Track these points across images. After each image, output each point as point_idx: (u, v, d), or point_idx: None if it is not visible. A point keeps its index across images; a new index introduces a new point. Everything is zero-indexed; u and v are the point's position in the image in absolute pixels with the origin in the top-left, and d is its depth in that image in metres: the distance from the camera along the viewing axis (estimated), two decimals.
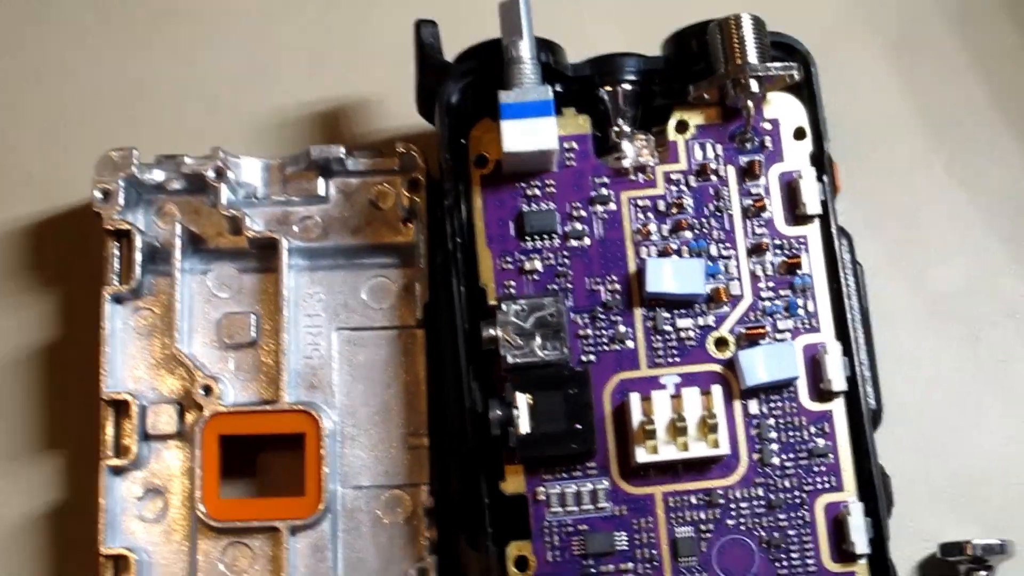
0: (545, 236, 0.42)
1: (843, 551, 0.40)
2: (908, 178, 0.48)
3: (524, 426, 0.40)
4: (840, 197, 0.43)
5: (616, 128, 0.43)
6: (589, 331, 0.42)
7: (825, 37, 0.47)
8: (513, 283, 0.42)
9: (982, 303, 0.47)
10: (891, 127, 0.48)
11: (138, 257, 0.45)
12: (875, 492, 0.40)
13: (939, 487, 0.45)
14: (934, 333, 0.46)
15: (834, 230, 0.42)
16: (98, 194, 0.45)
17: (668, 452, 0.40)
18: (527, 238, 0.42)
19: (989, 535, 0.43)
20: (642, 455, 0.40)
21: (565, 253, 0.42)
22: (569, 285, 0.42)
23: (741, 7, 0.42)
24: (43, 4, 0.50)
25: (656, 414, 0.40)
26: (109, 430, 0.44)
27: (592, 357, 0.41)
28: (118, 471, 0.44)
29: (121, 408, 0.45)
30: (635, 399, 0.40)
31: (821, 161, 0.42)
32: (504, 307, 0.40)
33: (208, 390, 0.44)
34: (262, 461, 0.45)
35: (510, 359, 0.40)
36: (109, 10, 0.50)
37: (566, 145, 0.43)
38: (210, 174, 0.45)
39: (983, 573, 0.43)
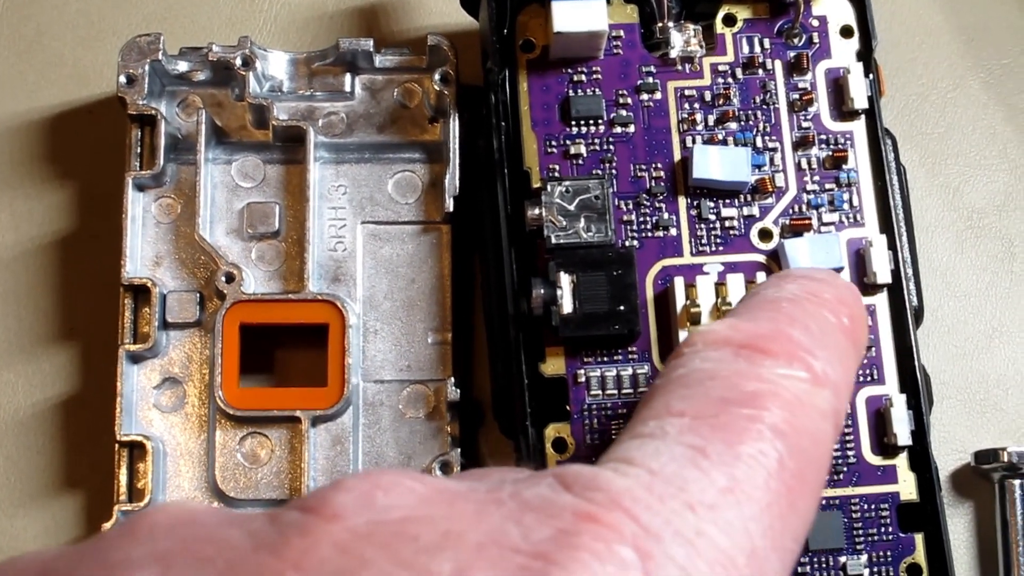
0: (591, 122, 0.41)
1: (884, 444, 0.40)
2: (947, 95, 0.47)
3: (567, 306, 0.39)
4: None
5: (660, 24, 0.42)
6: (633, 217, 0.41)
7: None
8: (557, 167, 0.41)
9: (1018, 220, 0.46)
10: (930, 41, 0.48)
11: (162, 143, 0.44)
12: (916, 387, 0.40)
13: (972, 398, 0.45)
14: (970, 247, 0.46)
15: (880, 128, 0.42)
16: (123, 79, 0.44)
17: None
18: (573, 123, 0.41)
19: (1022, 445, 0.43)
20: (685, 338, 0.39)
21: (610, 139, 0.41)
22: (614, 171, 0.41)
23: None
24: None
25: (700, 299, 0.39)
26: (128, 316, 0.43)
27: (635, 243, 0.41)
28: (136, 358, 0.43)
29: (140, 295, 0.43)
30: (679, 282, 0.40)
31: (868, 58, 0.42)
32: (549, 188, 0.40)
33: (231, 277, 0.43)
34: (279, 358, 0.44)
35: (554, 239, 0.39)
36: None
37: (613, 33, 0.42)
38: (237, 62, 0.44)
39: (1018, 481, 0.42)
